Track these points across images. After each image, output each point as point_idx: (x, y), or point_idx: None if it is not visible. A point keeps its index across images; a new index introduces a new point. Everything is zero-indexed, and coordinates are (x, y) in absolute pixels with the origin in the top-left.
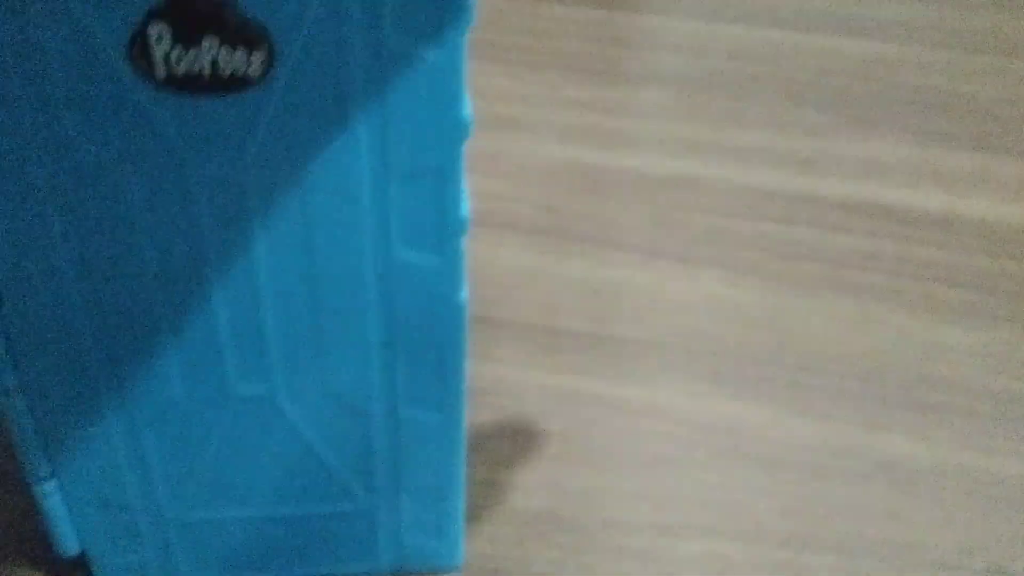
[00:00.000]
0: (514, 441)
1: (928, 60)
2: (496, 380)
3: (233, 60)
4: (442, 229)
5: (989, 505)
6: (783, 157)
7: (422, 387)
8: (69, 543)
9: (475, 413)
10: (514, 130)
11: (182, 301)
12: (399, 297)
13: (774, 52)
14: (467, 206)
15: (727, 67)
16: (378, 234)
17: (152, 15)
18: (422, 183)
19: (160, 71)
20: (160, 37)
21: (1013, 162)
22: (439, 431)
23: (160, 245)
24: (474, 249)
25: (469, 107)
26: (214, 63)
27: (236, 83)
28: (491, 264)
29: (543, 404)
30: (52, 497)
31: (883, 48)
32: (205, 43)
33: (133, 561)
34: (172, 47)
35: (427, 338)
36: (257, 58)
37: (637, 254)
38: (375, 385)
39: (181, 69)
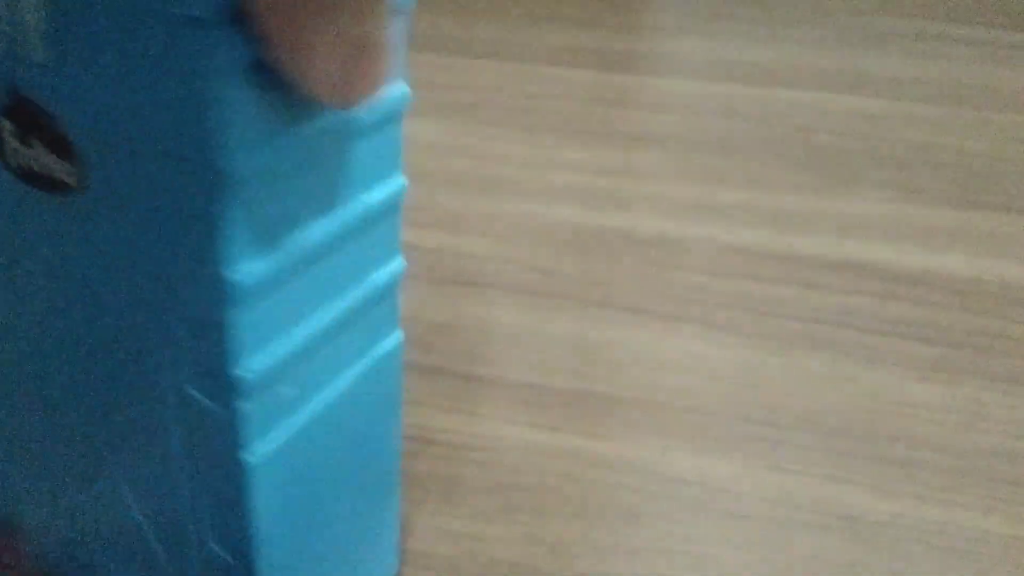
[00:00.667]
0: (493, 495)
1: (912, 114)
2: (478, 436)
3: (55, 165)
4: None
5: (948, 558)
6: (766, 216)
7: (222, 528)
8: None
9: (457, 468)
10: (509, 192)
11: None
12: (195, 443)
13: (763, 110)
14: (243, 368)
15: (717, 126)
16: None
17: (3, 111)
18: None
19: (10, 159)
20: (10, 131)
21: (991, 217)
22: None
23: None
24: (464, 308)
25: (235, 267)
26: (42, 164)
27: (58, 185)
28: (480, 323)
29: (522, 459)
30: None
31: (868, 103)
32: (35, 145)
33: None
34: (16, 141)
35: (221, 488)
36: (72, 169)
37: (622, 313)
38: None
39: (22, 161)
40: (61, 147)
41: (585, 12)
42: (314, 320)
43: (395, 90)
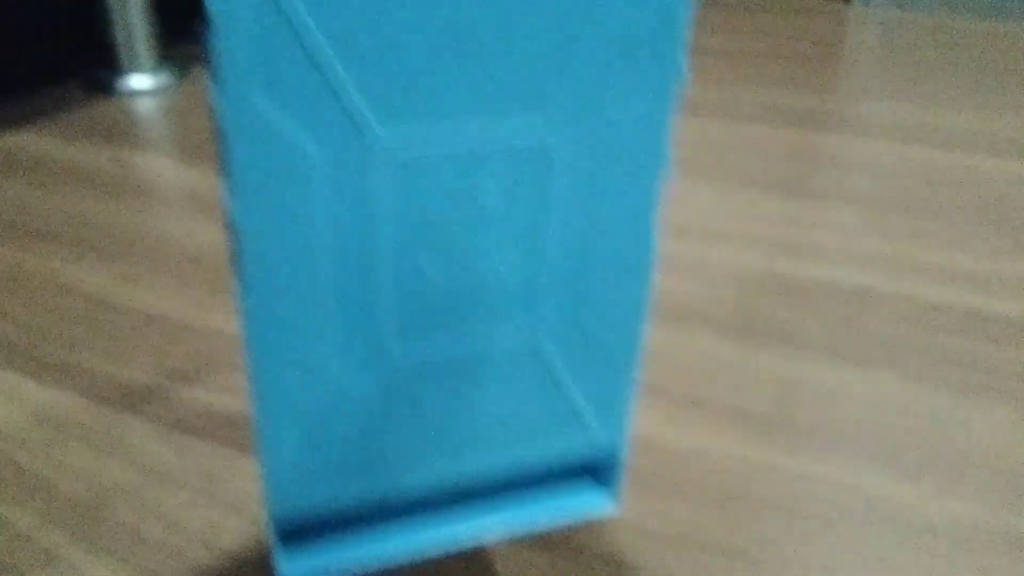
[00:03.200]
0: (710, 492)
1: None
2: (694, 447)
3: None
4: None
5: None
6: (961, 275)
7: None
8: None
9: (681, 472)
10: (717, 240)
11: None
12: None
13: (962, 176)
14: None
15: (915, 188)
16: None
17: None
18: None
19: None
20: None
21: None
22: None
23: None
24: (675, 339)
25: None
26: None
27: None
28: (690, 353)
29: (734, 467)
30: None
31: None
32: None
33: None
34: None
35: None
36: None
37: (820, 353)
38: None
39: None
40: None
41: (785, 73)
42: None
43: None
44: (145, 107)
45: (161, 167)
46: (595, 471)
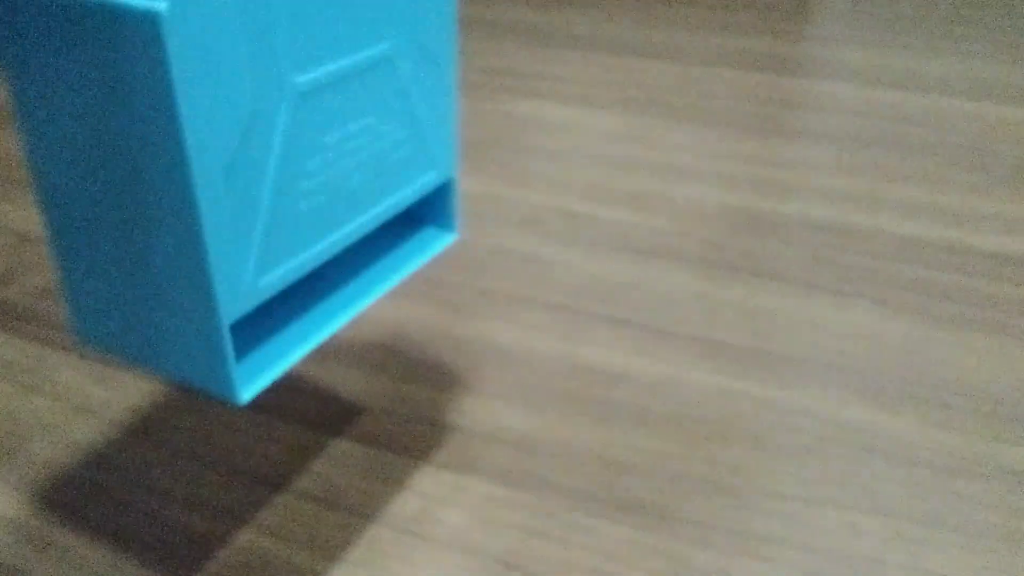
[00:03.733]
0: (680, 423)
1: None
2: (664, 375)
3: None
4: None
5: None
6: (936, 211)
7: None
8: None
9: (645, 400)
10: (687, 177)
11: None
12: None
13: (934, 117)
14: None
15: (889, 128)
16: None
17: None
18: None
19: None
20: None
21: None
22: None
23: None
24: (645, 272)
25: None
26: None
27: None
28: (660, 285)
29: (704, 397)
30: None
31: None
32: None
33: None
34: None
35: None
36: None
37: (793, 285)
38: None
39: None
40: None
41: (755, 21)
42: None
43: None
44: None
45: None
46: (436, 209)
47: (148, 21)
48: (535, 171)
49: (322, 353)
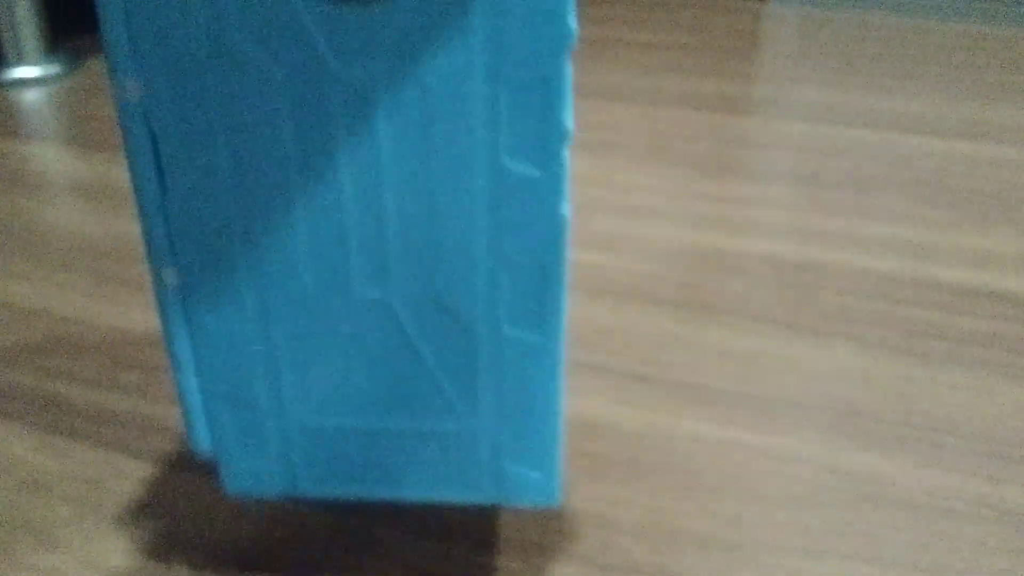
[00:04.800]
0: (671, 475)
1: None
2: (650, 425)
3: None
4: (546, 140)
5: None
6: (905, 247)
7: (524, 304)
8: (202, 440)
9: (633, 451)
10: (656, 218)
11: (316, 197)
12: (505, 209)
13: (893, 153)
14: (571, 119)
15: (848, 166)
16: (488, 144)
17: None
18: (529, 93)
19: None
20: None
21: None
22: (539, 354)
23: (301, 144)
24: (623, 316)
25: (574, 18)
26: None
27: None
28: (639, 329)
29: (693, 446)
30: (191, 391)
31: (1000, 151)
32: None
33: (257, 466)
34: None
35: (529, 251)
36: None
37: (772, 327)
38: (480, 299)
39: None
40: None
41: (710, 62)
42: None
43: None
44: (30, 97)
45: (46, 155)
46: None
47: None
48: None
49: None
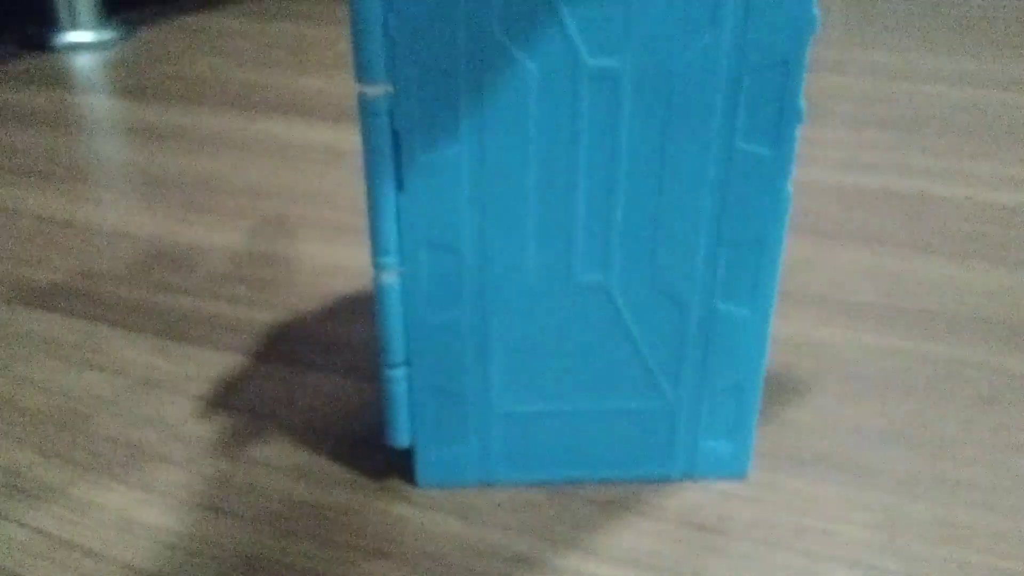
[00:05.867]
0: (907, 392)
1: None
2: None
3: None
4: (781, 120)
5: None
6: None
7: (739, 280)
8: (402, 433)
9: (876, 372)
10: None
11: (552, 188)
12: (733, 188)
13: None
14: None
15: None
16: (724, 126)
17: None
18: (769, 75)
19: None
20: None
21: None
22: (748, 328)
23: (543, 137)
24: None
25: (817, 2)
26: None
27: None
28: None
29: (913, 365)
30: (399, 384)
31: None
32: None
33: (455, 454)
34: None
35: (752, 229)
36: None
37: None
38: (698, 277)
39: None
40: None
41: None
42: None
43: None
44: (85, 61)
45: (105, 105)
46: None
47: None
48: None
49: None
